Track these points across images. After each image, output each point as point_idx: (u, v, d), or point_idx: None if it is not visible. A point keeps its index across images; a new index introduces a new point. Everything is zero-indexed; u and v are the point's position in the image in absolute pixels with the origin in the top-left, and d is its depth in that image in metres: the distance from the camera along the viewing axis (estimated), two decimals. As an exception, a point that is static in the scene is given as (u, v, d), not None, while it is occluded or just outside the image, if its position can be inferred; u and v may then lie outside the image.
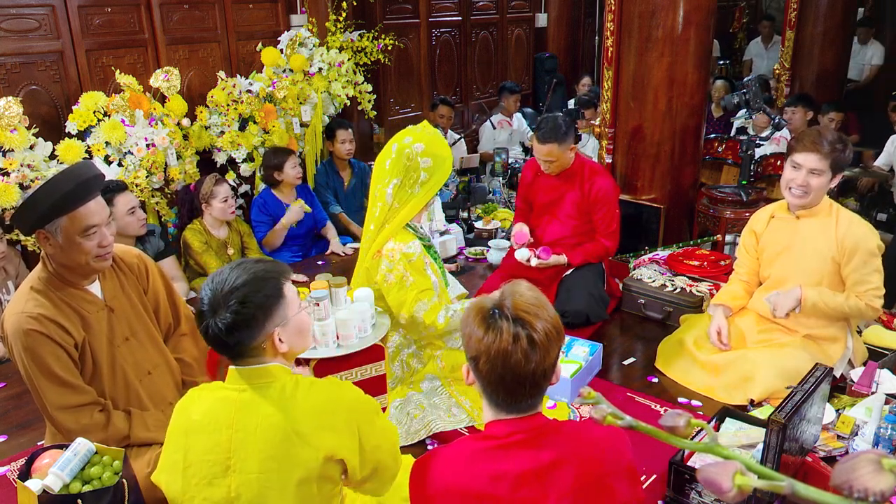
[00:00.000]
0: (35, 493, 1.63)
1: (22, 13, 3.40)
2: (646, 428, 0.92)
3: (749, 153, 3.90)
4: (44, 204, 1.85)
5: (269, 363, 1.49)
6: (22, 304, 1.91)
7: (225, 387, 1.50)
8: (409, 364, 2.59)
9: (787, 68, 5.67)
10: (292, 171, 3.93)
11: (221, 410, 1.45)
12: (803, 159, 2.44)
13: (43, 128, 3.33)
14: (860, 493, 0.67)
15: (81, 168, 1.96)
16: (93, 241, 1.93)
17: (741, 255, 2.82)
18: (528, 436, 1.31)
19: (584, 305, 3.11)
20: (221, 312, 1.43)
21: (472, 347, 1.29)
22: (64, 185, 1.86)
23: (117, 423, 1.99)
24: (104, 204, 2.00)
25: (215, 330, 1.44)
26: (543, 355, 1.28)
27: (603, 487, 1.31)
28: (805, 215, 2.55)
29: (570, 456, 1.30)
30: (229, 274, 1.47)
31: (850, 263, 2.45)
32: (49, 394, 1.92)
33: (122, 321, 2.09)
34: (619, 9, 3.90)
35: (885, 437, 2.09)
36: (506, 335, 1.26)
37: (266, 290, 1.47)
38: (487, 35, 6.66)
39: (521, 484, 1.28)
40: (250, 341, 1.46)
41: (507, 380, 1.28)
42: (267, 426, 1.43)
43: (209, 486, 1.44)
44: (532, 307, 1.30)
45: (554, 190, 3.31)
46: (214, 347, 1.50)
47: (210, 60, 4.19)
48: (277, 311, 1.48)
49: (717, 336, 2.66)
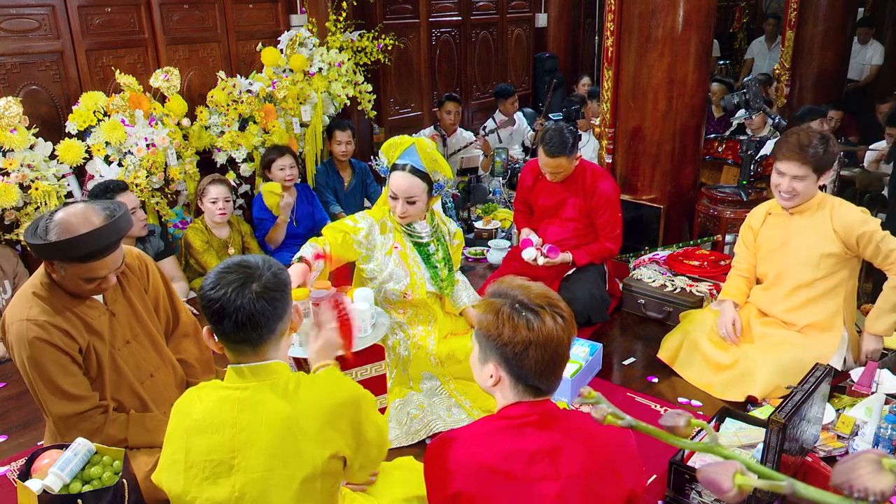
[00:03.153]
0: (35, 493, 1.63)
1: (22, 13, 3.40)
2: (646, 428, 0.92)
3: (749, 153, 3.91)
4: (65, 254, 1.84)
5: (272, 360, 1.48)
6: (26, 311, 1.90)
7: (225, 386, 1.48)
8: (396, 351, 2.58)
9: (787, 68, 5.67)
10: (279, 173, 3.90)
11: (223, 410, 1.44)
12: (786, 167, 2.51)
13: (43, 128, 3.33)
14: (860, 493, 0.67)
15: (119, 226, 1.88)
16: (94, 284, 1.93)
17: (740, 251, 2.84)
18: (540, 418, 1.37)
19: (586, 306, 3.12)
20: (258, 280, 1.42)
21: (520, 342, 1.32)
22: (93, 244, 1.82)
23: (110, 431, 1.98)
24: (120, 255, 1.96)
25: (252, 301, 1.39)
26: (573, 331, 1.39)
27: (611, 472, 1.35)
28: (798, 211, 2.60)
29: (578, 440, 1.36)
30: (240, 259, 1.48)
31: (868, 249, 2.49)
32: (51, 405, 1.93)
33: (124, 324, 2.09)
34: (619, 9, 3.90)
35: (885, 437, 2.09)
36: (548, 322, 1.33)
37: (280, 265, 1.51)
38: (487, 35, 6.66)
39: (535, 461, 1.33)
40: (283, 313, 1.46)
41: (551, 364, 1.35)
42: (272, 424, 1.42)
43: (213, 486, 1.44)
44: (545, 291, 1.39)
45: (556, 194, 3.31)
46: (236, 327, 1.41)
47: (210, 60, 4.19)
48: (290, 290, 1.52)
49: (731, 328, 2.67)
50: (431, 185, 2.51)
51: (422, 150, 2.50)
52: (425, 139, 2.56)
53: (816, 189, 2.56)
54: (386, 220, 2.58)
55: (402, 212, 2.49)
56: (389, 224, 2.58)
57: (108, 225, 1.85)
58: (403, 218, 2.52)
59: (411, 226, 2.58)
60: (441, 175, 2.53)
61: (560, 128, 3.14)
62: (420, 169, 2.46)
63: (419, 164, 2.47)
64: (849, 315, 2.64)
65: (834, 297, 2.59)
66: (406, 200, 2.47)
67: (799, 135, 2.51)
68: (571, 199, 3.28)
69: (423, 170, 2.47)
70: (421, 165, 2.47)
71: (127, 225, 1.93)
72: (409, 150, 2.50)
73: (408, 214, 2.50)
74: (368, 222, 2.54)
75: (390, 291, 2.53)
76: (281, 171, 3.91)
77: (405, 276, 2.54)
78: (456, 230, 2.76)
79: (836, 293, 2.59)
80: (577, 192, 3.26)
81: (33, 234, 1.85)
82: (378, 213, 2.59)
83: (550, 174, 3.20)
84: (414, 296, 2.54)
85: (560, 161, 3.10)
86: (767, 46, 7.30)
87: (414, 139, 2.54)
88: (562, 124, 3.23)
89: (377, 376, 2.32)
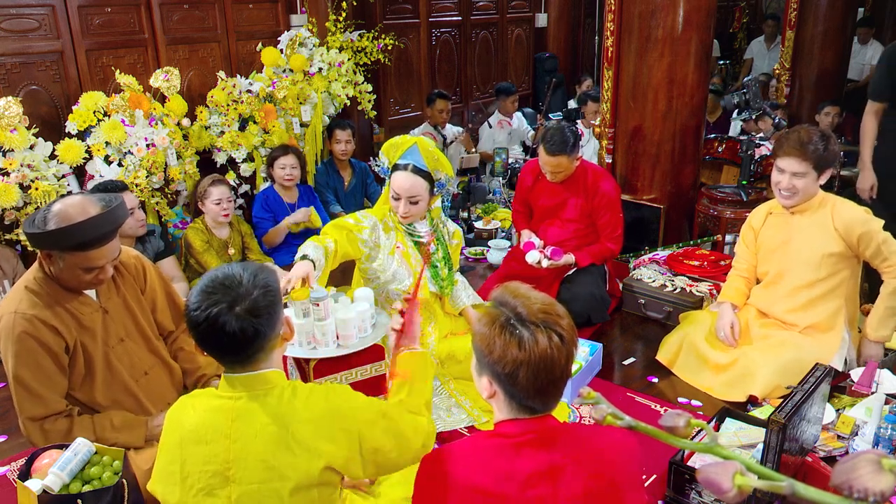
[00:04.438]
0: (35, 493, 1.63)
1: (22, 13, 3.40)
2: (646, 428, 0.92)
3: (749, 153, 3.91)
4: (63, 242, 1.84)
5: (266, 370, 1.44)
6: (16, 304, 1.91)
7: (218, 395, 1.45)
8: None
9: (787, 68, 5.67)
10: (280, 171, 3.90)
11: (217, 420, 1.42)
12: (786, 164, 2.50)
13: (43, 128, 3.33)
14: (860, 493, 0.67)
15: (116, 215, 1.90)
16: (92, 274, 1.94)
17: (741, 251, 2.84)
18: (540, 436, 1.31)
19: (586, 306, 3.12)
20: (243, 301, 1.36)
21: (510, 362, 1.25)
22: (90, 232, 1.84)
23: (78, 434, 1.95)
24: (117, 246, 1.97)
25: (239, 322, 1.34)
26: (573, 350, 1.30)
27: (614, 492, 1.30)
28: (799, 211, 2.59)
29: (580, 459, 1.29)
30: (230, 268, 1.43)
31: (868, 249, 2.49)
32: (20, 401, 1.95)
33: (117, 322, 2.09)
34: (619, 9, 3.90)
35: (885, 437, 2.09)
36: (542, 341, 1.25)
37: (275, 277, 1.46)
38: (487, 35, 6.66)
39: (531, 484, 1.28)
40: (271, 333, 1.41)
41: (546, 385, 1.27)
42: (266, 435, 1.39)
43: (208, 497, 1.41)
44: (547, 306, 1.30)
45: (556, 195, 3.31)
46: (223, 349, 1.39)
47: (210, 60, 4.19)
48: (282, 303, 1.47)
49: (730, 331, 2.67)
50: (433, 183, 2.52)
51: (424, 149, 2.50)
52: (426, 139, 2.56)
53: (817, 188, 2.55)
54: (387, 219, 2.58)
55: (404, 212, 2.49)
56: (391, 223, 2.59)
57: (104, 213, 1.87)
58: (406, 218, 2.52)
59: (412, 225, 2.59)
60: (443, 173, 2.54)
61: (561, 127, 3.13)
62: (422, 168, 2.47)
63: (421, 163, 2.48)
64: (850, 315, 2.63)
65: (835, 298, 2.59)
66: (409, 200, 2.47)
67: (800, 132, 2.51)
68: (572, 200, 3.28)
69: (425, 169, 2.48)
70: (423, 164, 2.48)
71: (123, 214, 1.95)
72: (410, 149, 2.50)
73: (410, 214, 2.51)
74: (372, 221, 2.54)
75: (393, 291, 2.53)
76: (282, 169, 3.91)
77: (408, 275, 2.54)
78: (455, 230, 2.76)
79: (838, 293, 2.59)
80: (579, 192, 3.26)
81: (31, 224, 1.86)
82: (379, 212, 2.59)
83: (551, 174, 3.19)
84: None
85: (561, 160, 3.09)
86: (767, 47, 7.29)
87: (416, 138, 2.55)
88: (563, 123, 3.23)
89: (377, 376, 2.32)
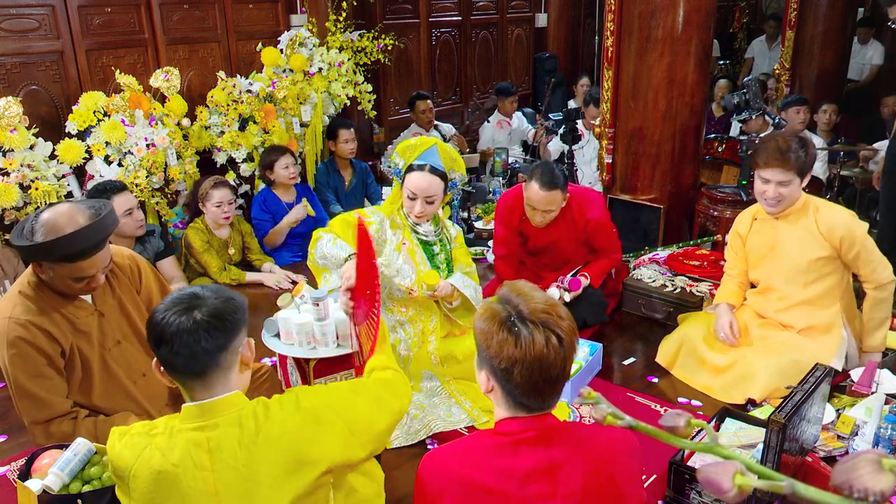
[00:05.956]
0: (35, 493, 1.63)
1: (22, 13, 3.40)
2: (646, 428, 0.92)
3: (749, 153, 3.90)
4: (51, 254, 1.83)
5: (225, 394, 1.38)
6: (10, 309, 1.90)
7: (183, 427, 1.37)
8: (395, 350, 2.56)
9: (787, 68, 5.66)
10: (283, 171, 3.90)
11: (191, 455, 1.35)
12: (770, 174, 2.50)
13: (43, 128, 3.33)
14: (860, 493, 0.66)
15: (105, 224, 1.87)
16: (83, 283, 1.93)
17: (730, 257, 2.84)
18: (539, 434, 1.32)
19: (583, 311, 3.08)
20: (202, 306, 1.34)
21: (505, 359, 1.28)
22: (80, 243, 1.81)
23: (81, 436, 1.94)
24: (108, 254, 1.95)
25: (195, 325, 1.31)
26: (571, 352, 1.31)
27: (612, 489, 1.31)
28: (783, 216, 2.59)
29: (579, 456, 1.31)
30: (197, 288, 1.40)
31: (850, 253, 2.49)
32: (22, 408, 1.94)
33: (113, 325, 2.09)
34: (619, 9, 3.90)
35: (885, 437, 2.09)
36: (539, 341, 1.27)
37: (241, 298, 1.43)
38: (487, 35, 6.66)
39: (530, 481, 1.29)
40: (228, 343, 1.35)
41: (541, 384, 1.29)
42: (252, 457, 1.35)
43: None
44: (549, 307, 1.31)
45: (546, 235, 3.18)
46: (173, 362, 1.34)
47: (210, 60, 4.19)
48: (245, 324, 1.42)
49: (729, 330, 2.67)
50: (447, 183, 2.57)
51: (442, 150, 2.56)
52: None
53: (801, 192, 2.56)
54: (395, 216, 2.61)
55: (420, 211, 2.54)
56: (399, 221, 2.62)
57: (93, 224, 1.84)
58: (420, 217, 2.57)
59: (418, 224, 2.61)
60: (458, 173, 2.60)
61: (548, 163, 3.13)
62: (439, 168, 2.52)
63: (438, 163, 2.53)
64: (848, 314, 2.63)
65: (830, 299, 2.58)
66: (425, 200, 2.52)
67: (777, 140, 2.49)
68: (564, 236, 3.17)
69: (441, 169, 2.53)
70: (440, 165, 2.53)
71: (113, 223, 1.92)
72: (429, 150, 2.55)
73: (426, 213, 2.56)
74: (379, 217, 2.58)
75: (396, 288, 2.55)
76: (285, 169, 3.91)
77: (412, 272, 2.56)
78: (456, 233, 2.78)
79: (832, 295, 2.58)
80: (567, 221, 3.14)
81: (19, 235, 1.84)
82: (387, 210, 2.63)
83: (542, 213, 3.00)
84: (419, 293, 2.55)
85: (555, 194, 2.94)
86: (768, 46, 7.29)
87: (435, 139, 2.61)
88: (549, 161, 3.18)
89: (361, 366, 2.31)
